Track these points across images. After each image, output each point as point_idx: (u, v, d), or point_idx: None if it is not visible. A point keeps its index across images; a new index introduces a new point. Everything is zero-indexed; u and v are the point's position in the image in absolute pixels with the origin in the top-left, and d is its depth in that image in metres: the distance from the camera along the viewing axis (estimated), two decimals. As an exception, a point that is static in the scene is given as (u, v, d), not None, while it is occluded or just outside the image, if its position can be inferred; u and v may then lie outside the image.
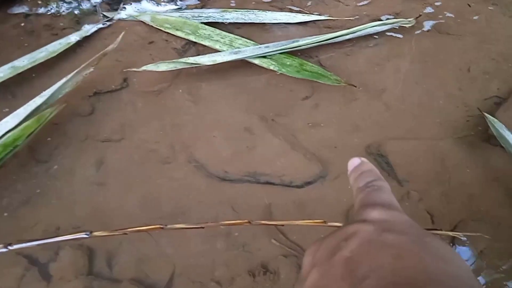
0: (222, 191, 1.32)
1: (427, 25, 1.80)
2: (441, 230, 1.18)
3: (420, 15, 1.80)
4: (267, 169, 1.36)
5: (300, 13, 1.89)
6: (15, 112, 1.39)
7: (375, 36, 1.77)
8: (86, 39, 1.79)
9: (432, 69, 1.65)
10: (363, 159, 0.73)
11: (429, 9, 1.87)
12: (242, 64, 1.63)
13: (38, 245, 1.07)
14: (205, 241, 1.20)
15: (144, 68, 1.55)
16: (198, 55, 1.68)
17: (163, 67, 1.56)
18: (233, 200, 1.29)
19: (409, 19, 1.76)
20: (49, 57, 1.65)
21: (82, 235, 1.05)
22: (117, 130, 1.47)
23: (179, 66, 1.57)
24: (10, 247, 1.03)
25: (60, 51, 1.68)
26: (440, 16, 1.84)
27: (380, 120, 1.48)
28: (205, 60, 1.58)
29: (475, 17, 1.84)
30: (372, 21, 1.79)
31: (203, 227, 1.10)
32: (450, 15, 1.84)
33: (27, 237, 1.15)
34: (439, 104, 1.53)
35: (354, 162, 0.74)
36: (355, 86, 1.54)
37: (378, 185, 0.64)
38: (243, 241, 1.19)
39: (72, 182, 1.33)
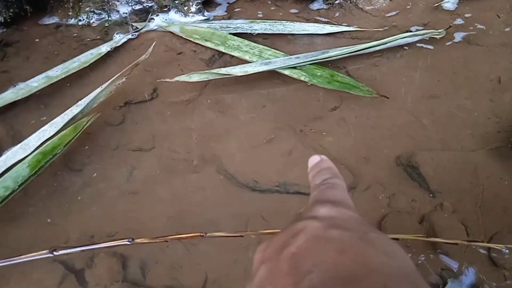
0: (252, 201, 1.32)
1: (458, 36, 1.80)
2: (482, 242, 1.17)
3: (450, 26, 1.79)
4: (297, 180, 1.36)
5: (328, 24, 1.89)
6: (53, 121, 1.42)
7: (405, 47, 1.77)
8: (115, 49, 1.81)
9: (462, 80, 1.64)
10: (323, 156, 0.73)
11: (459, 21, 1.86)
12: (269, 75, 1.64)
13: (81, 251, 1.09)
14: (236, 250, 1.20)
15: (177, 78, 1.57)
16: (226, 65, 1.69)
17: (195, 77, 1.57)
18: (263, 210, 1.30)
19: (439, 30, 1.76)
20: (82, 67, 1.68)
21: (125, 241, 1.06)
22: (148, 140, 1.48)
23: (211, 77, 1.58)
24: (55, 253, 1.04)
25: (92, 61, 1.71)
26: (471, 28, 1.83)
27: (410, 131, 1.48)
28: (237, 70, 1.59)
29: (507, 29, 1.83)
30: (400, 32, 1.79)
31: (242, 236, 1.10)
32: (481, 26, 1.84)
33: (62, 244, 1.17)
34: (470, 115, 1.52)
35: (314, 159, 0.73)
36: (387, 97, 1.53)
37: (333, 182, 0.65)
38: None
39: (105, 191, 1.35)
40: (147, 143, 1.47)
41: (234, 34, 1.83)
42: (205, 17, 1.98)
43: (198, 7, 1.97)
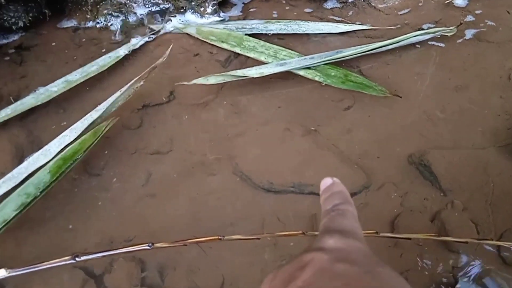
0: (268, 202, 1.35)
1: (469, 33, 1.80)
2: (491, 240, 1.19)
3: (461, 23, 1.80)
4: (311, 180, 1.38)
5: (341, 23, 1.91)
6: (72, 126, 1.45)
7: (417, 45, 1.78)
8: (132, 52, 1.83)
9: (473, 77, 1.65)
10: (335, 179, 0.72)
11: (469, 18, 1.87)
12: (284, 75, 1.66)
13: (102, 256, 1.11)
14: (252, 252, 1.22)
15: (194, 81, 1.59)
16: (242, 66, 1.71)
17: (212, 80, 1.60)
18: (278, 210, 1.32)
19: (450, 28, 1.77)
20: (100, 71, 1.70)
21: (145, 246, 1.08)
22: (165, 143, 1.51)
23: (227, 79, 1.61)
24: (77, 259, 1.07)
25: (110, 64, 1.74)
26: (481, 25, 1.84)
27: (422, 129, 1.50)
28: (253, 72, 1.61)
29: (516, 25, 1.83)
30: (413, 30, 1.81)
31: (259, 238, 1.13)
32: (491, 23, 1.84)
33: (82, 250, 1.20)
34: (480, 112, 1.54)
35: (326, 182, 0.73)
36: (400, 97, 1.55)
37: (343, 209, 0.64)
38: (290, 251, 1.22)
39: (123, 195, 1.38)
40: (165, 146, 1.50)
41: (250, 35, 1.85)
42: (221, 18, 2.00)
43: (214, 8, 1.99)
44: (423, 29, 1.81)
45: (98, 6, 1.99)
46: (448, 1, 1.94)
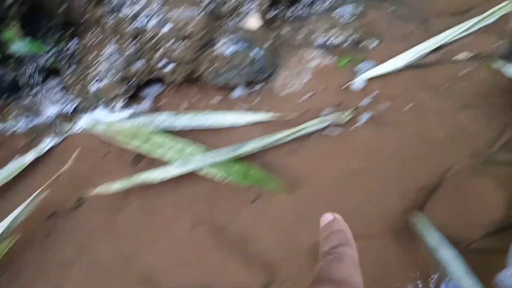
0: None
1: (365, 117, 1.85)
2: None
3: (357, 108, 1.86)
4: (218, 280, 1.40)
5: (249, 110, 1.92)
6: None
7: (317, 131, 1.81)
8: (43, 154, 1.82)
9: (369, 161, 1.71)
10: (336, 215, 0.73)
11: (367, 100, 1.91)
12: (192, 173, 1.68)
13: None
14: None
15: (96, 191, 1.60)
16: (151, 164, 1.72)
17: (115, 186, 1.61)
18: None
19: (346, 113, 1.82)
20: (6, 181, 1.69)
21: None
22: (75, 251, 1.52)
23: (129, 185, 1.62)
24: None
25: (16, 173, 1.72)
26: (378, 106, 1.89)
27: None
28: (155, 176, 1.63)
29: (410, 105, 1.88)
30: (315, 114, 1.83)
31: None
32: (388, 103, 1.89)
33: None
34: (379, 198, 1.60)
35: (327, 218, 0.74)
36: (300, 189, 1.61)
37: (341, 252, 0.65)
38: None
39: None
40: (74, 254, 1.51)
41: (161, 130, 1.86)
42: (132, 112, 2.00)
43: (124, 102, 2.00)
44: (322, 116, 1.83)
45: (6, 108, 1.99)
46: (347, 85, 1.97)
